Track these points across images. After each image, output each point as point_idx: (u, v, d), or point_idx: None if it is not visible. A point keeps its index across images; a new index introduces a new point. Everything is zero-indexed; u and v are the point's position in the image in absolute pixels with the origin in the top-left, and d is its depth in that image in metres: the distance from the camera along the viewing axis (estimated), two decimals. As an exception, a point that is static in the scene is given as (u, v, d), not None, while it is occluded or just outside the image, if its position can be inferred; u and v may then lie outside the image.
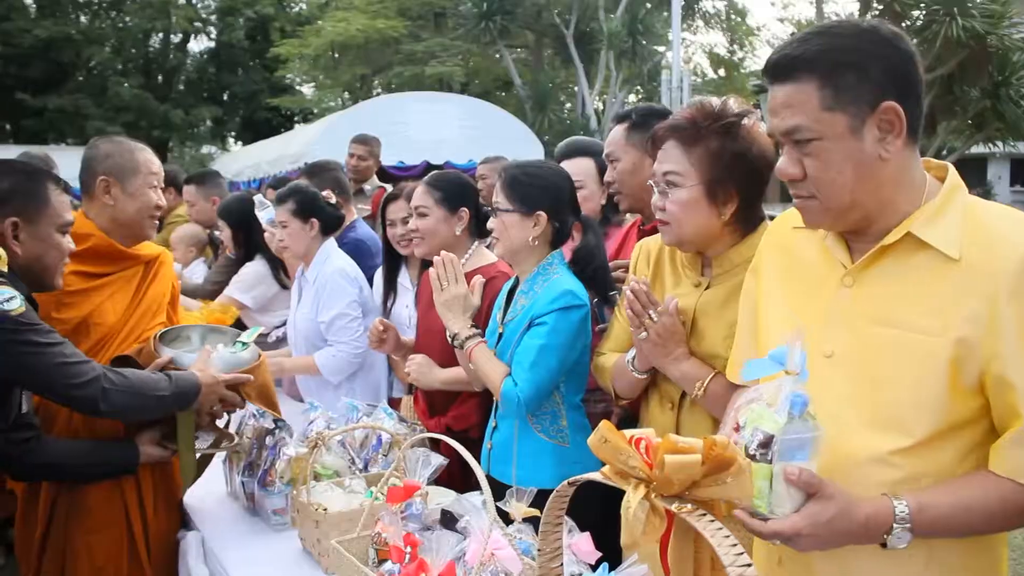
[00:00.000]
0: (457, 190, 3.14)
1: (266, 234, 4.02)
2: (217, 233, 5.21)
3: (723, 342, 2.04)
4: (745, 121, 2.09)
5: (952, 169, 1.59)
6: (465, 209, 3.10)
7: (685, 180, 2.08)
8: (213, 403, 2.64)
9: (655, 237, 2.39)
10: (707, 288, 2.18)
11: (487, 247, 3.18)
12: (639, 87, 25.00)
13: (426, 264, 3.65)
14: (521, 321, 2.61)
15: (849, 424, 1.52)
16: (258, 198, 4.16)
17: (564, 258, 2.70)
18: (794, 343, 1.41)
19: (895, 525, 1.44)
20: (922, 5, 15.03)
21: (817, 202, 1.55)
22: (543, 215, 2.62)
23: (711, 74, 30.04)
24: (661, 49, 23.42)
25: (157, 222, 2.84)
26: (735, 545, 1.15)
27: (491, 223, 2.69)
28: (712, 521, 1.19)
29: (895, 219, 1.53)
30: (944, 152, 17.98)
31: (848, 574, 1.56)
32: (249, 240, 4.43)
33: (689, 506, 1.23)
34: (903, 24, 15.45)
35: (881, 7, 15.71)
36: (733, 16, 29.42)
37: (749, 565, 1.13)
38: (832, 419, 1.48)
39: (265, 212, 4.02)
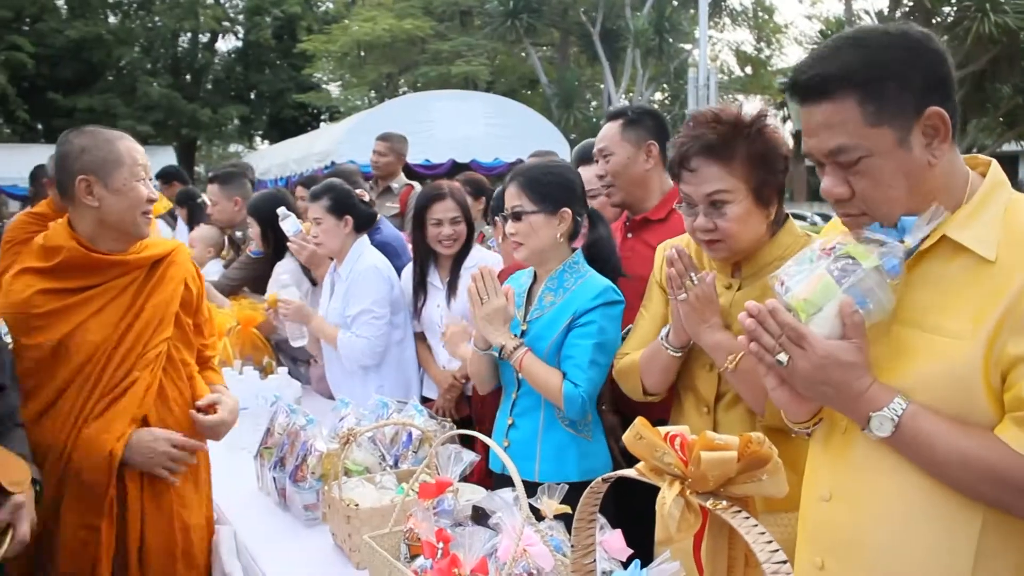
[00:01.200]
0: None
1: (291, 245, 4.03)
2: (239, 234, 5.26)
3: None
4: (768, 120, 2.10)
5: (995, 165, 1.55)
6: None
7: (735, 195, 2.07)
8: None
9: (677, 239, 2.40)
10: (739, 289, 2.18)
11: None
12: (665, 85, 24.89)
13: (457, 263, 3.68)
14: (555, 318, 2.63)
15: None
16: (281, 210, 4.15)
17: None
18: (925, 221, 1.43)
19: (885, 409, 1.45)
20: (953, 1, 14.87)
21: (868, 218, 1.50)
22: (568, 211, 2.66)
23: (738, 72, 29.86)
24: (688, 47, 23.31)
25: (150, 218, 2.51)
26: (771, 542, 1.15)
27: (510, 227, 2.70)
28: (748, 518, 1.19)
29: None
30: (975, 150, 17.79)
31: None
32: (277, 237, 4.46)
33: (724, 503, 1.23)
34: (933, 21, 15.31)
35: (911, 4, 15.56)
36: (760, 13, 29.21)
37: (785, 562, 1.13)
38: None
39: (289, 222, 4.04)
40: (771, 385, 1.55)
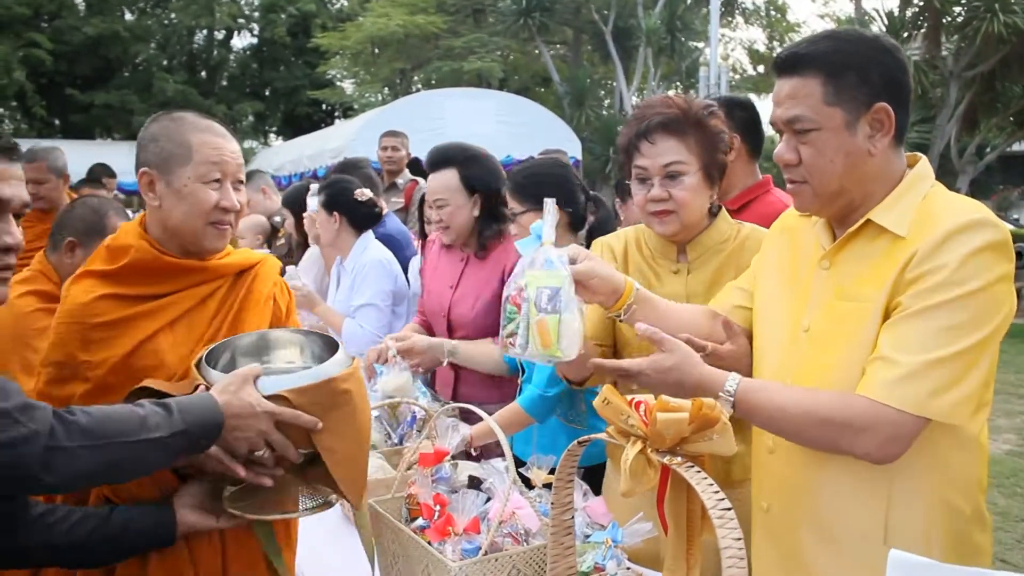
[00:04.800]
0: None
1: (305, 219, 4.30)
2: (277, 219, 5.52)
3: None
4: (715, 110, 2.26)
5: (924, 161, 1.76)
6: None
7: (690, 167, 2.20)
8: (253, 444, 1.74)
9: (613, 235, 2.52)
10: (689, 273, 2.32)
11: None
12: (677, 83, 24.99)
13: None
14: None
15: (807, 385, 1.72)
16: (314, 186, 4.42)
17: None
18: (544, 220, 1.79)
19: (720, 394, 1.67)
20: (963, 1, 14.92)
21: (808, 187, 1.73)
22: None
23: (750, 70, 29.92)
24: (700, 45, 23.42)
25: (222, 229, 2.01)
26: (717, 492, 1.32)
27: (512, 228, 2.91)
28: (698, 471, 1.36)
29: (871, 208, 1.71)
30: (988, 149, 17.82)
31: (822, 521, 1.74)
32: None
33: (679, 459, 1.40)
34: (943, 20, 15.36)
35: (921, 3, 15.61)
36: (773, 12, 29.27)
37: (729, 509, 1.30)
38: (798, 382, 1.73)
39: (313, 200, 4.29)
40: None
